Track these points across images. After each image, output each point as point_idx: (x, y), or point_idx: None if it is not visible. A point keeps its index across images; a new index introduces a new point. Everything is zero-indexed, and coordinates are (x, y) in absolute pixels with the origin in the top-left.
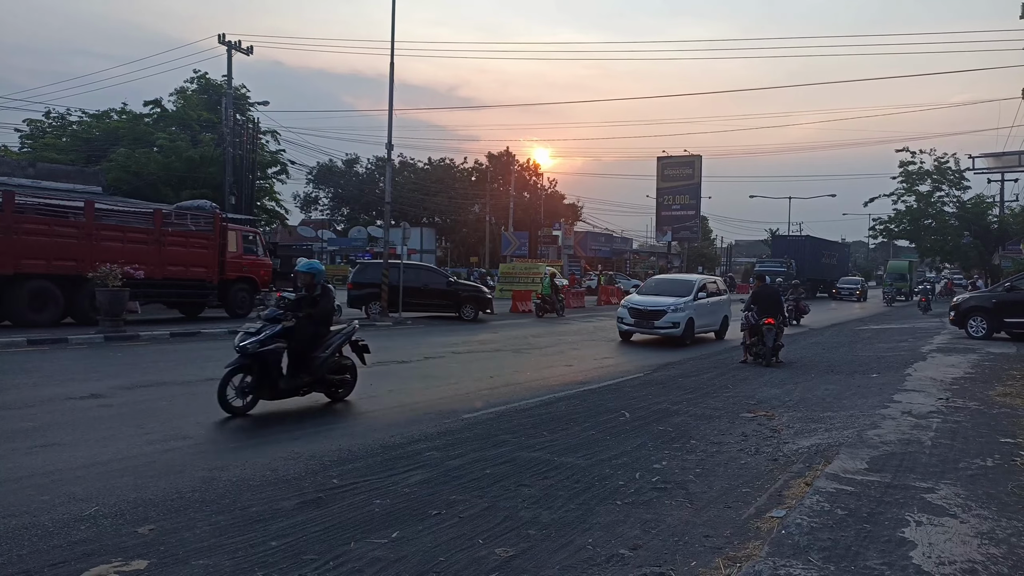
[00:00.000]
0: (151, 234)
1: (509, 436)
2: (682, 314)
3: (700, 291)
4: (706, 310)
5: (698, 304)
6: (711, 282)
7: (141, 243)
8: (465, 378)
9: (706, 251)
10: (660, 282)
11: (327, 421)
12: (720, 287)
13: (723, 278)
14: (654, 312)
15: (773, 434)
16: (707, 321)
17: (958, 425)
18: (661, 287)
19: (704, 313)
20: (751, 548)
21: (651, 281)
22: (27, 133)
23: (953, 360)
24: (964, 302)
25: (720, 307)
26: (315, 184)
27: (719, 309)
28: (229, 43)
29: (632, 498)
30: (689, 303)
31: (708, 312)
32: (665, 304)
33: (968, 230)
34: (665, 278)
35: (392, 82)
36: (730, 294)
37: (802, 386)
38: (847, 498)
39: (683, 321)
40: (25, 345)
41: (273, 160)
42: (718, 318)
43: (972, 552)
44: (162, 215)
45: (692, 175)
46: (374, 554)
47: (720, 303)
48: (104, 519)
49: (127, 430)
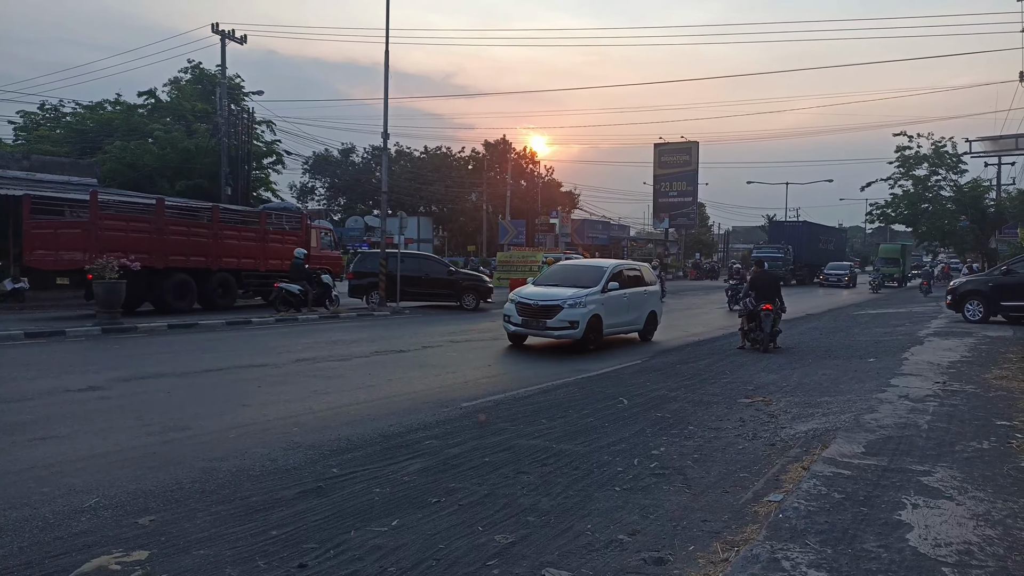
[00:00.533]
0: (258, 232)
1: (508, 424)
2: (582, 310)
3: (613, 280)
4: (621, 304)
5: (609, 297)
6: (630, 269)
7: (250, 240)
8: (464, 367)
9: (703, 237)
10: (564, 269)
11: (325, 411)
12: (647, 275)
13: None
14: (545, 308)
15: (770, 419)
16: (624, 319)
17: (955, 408)
18: (564, 275)
19: (618, 308)
20: (749, 532)
21: (555, 268)
22: (21, 125)
23: (950, 344)
24: (961, 286)
25: (644, 300)
26: (311, 174)
27: (643, 303)
28: (223, 32)
29: (630, 484)
30: (594, 296)
31: (625, 307)
32: (560, 298)
33: (965, 214)
34: (571, 264)
35: (387, 70)
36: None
37: (799, 371)
38: (844, 482)
39: (583, 319)
40: (23, 338)
41: (269, 150)
42: (641, 314)
43: (968, 534)
44: (266, 216)
45: (689, 161)
46: (374, 542)
47: (643, 295)
48: (104, 510)
49: (126, 422)
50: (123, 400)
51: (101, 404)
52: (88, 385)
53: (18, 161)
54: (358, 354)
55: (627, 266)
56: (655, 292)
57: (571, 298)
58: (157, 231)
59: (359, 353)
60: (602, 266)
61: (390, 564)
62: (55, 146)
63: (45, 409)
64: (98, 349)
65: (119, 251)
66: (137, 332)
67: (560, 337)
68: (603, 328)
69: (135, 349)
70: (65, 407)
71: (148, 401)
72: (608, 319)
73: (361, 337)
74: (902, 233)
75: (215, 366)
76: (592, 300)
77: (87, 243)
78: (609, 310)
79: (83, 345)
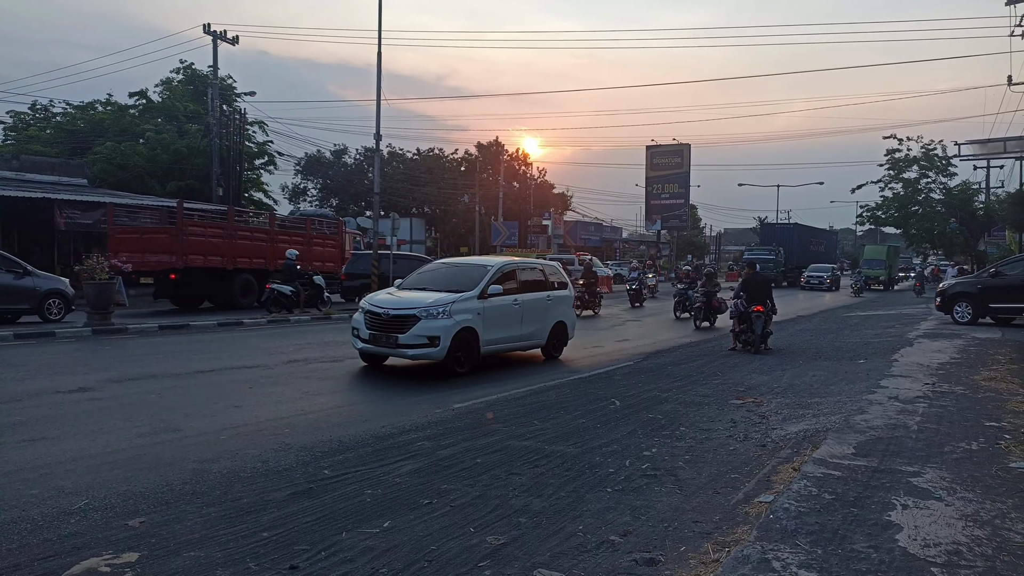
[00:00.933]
0: (304, 237)
1: (500, 425)
2: (444, 322)
3: (500, 282)
4: (509, 314)
5: (490, 305)
6: (527, 269)
7: (299, 245)
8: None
9: (695, 239)
10: (441, 270)
11: (316, 413)
12: (553, 276)
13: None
14: (397, 319)
15: (761, 420)
16: (514, 332)
17: (944, 409)
18: (439, 277)
19: (505, 318)
20: (740, 533)
21: (431, 267)
22: (10, 125)
23: (939, 345)
24: (950, 288)
25: (546, 308)
26: (303, 175)
27: (544, 312)
28: (214, 33)
29: (622, 485)
30: (466, 303)
31: (516, 317)
32: (417, 305)
33: (954, 216)
34: (451, 262)
35: (380, 72)
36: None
37: (790, 372)
38: (834, 483)
39: (446, 333)
40: (12, 339)
41: (260, 151)
42: (542, 326)
43: (957, 534)
44: (311, 222)
45: (681, 164)
46: (366, 543)
47: (545, 303)
48: (94, 512)
49: (116, 423)
50: (113, 401)
51: (91, 406)
52: (78, 386)
53: (7, 161)
54: (350, 355)
55: (522, 265)
56: (563, 298)
57: (432, 306)
58: (228, 236)
59: (351, 354)
60: (485, 265)
61: (382, 565)
62: (45, 146)
63: (35, 411)
64: (88, 350)
65: (200, 254)
66: (128, 333)
67: (416, 358)
68: (480, 344)
69: (126, 350)
70: (55, 408)
71: (138, 402)
72: (489, 333)
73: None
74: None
75: (206, 367)
76: (463, 308)
77: (173, 247)
78: (490, 321)
79: (73, 346)
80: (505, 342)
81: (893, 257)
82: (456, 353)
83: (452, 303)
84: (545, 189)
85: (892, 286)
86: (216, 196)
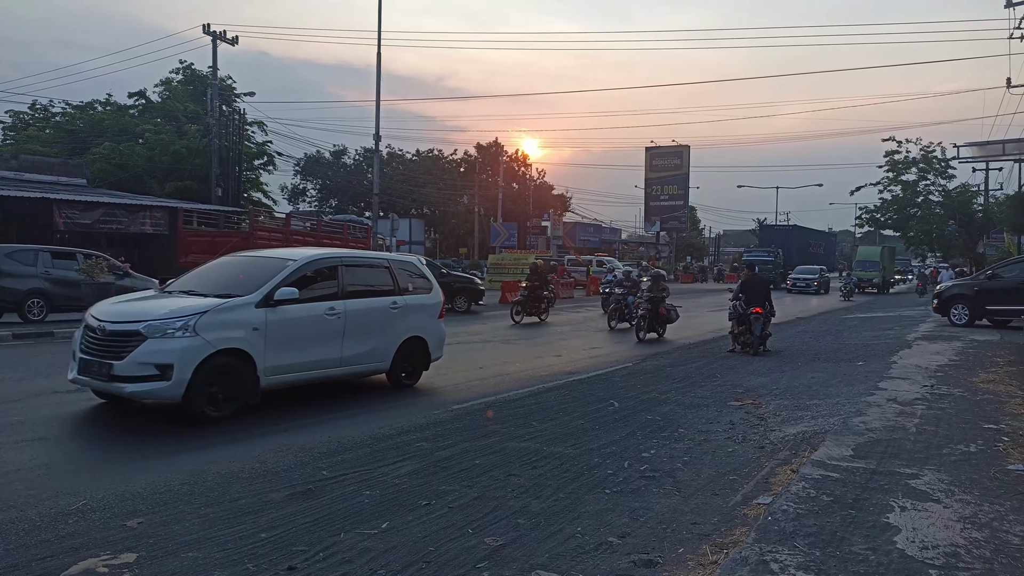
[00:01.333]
0: (342, 240)
1: (498, 426)
2: (184, 343)
3: (302, 283)
4: (323, 328)
5: (283, 317)
6: (357, 266)
7: (338, 245)
8: (453, 369)
9: (694, 241)
10: (222, 267)
11: (316, 413)
12: (401, 276)
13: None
14: (116, 338)
15: (760, 422)
16: (332, 353)
17: (942, 412)
18: (218, 277)
19: (313, 335)
20: (738, 534)
21: (214, 264)
22: (9, 125)
23: (938, 348)
24: (947, 290)
25: (389, 320)
26: (303, 175)
27: (385, 325)
28: (214, 33)
29: (620, 487)
30: (232, 314)
31: (334, 332)
32: (146, 317)
33: (953, 219)
34: (240, 256)
35: (379, 72)
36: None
37: (789, 374)
38: (832, 484)
39: (184, 360)
40: (11, 339)
41: (260, 151)
42: (385, 343)
43: (955, 536)
44: (348, 227)
45: (680, 165)
46: (364, 544)
47: (387, 312)
48: (92, 513)
49: (114, 423)
50: (111, 402)
51: (89, 406)
52: (76, 387)
53: (6, 161)
54: None
55: (350, 259)
56: (422, 305)
57: (166, 318)
58: (285, 239)
59: None
60: (285, 259)
61: (380, 566)
62: (44, 146)
63: (33, 411)
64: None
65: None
66: None
67: (137, 396)
68: (260, 374)
69: None
70: (53, 408)
71: (137, 402)
72: (280, 355)
73: None
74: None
75: None
76: (224, 321)
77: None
78: (283, 339)
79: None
80: (311, 368)
81: (888, 258)
82: (209, 388)
83: (202, 314)
84: (544, 190)
85: (887, 289)
86: (215, 196)
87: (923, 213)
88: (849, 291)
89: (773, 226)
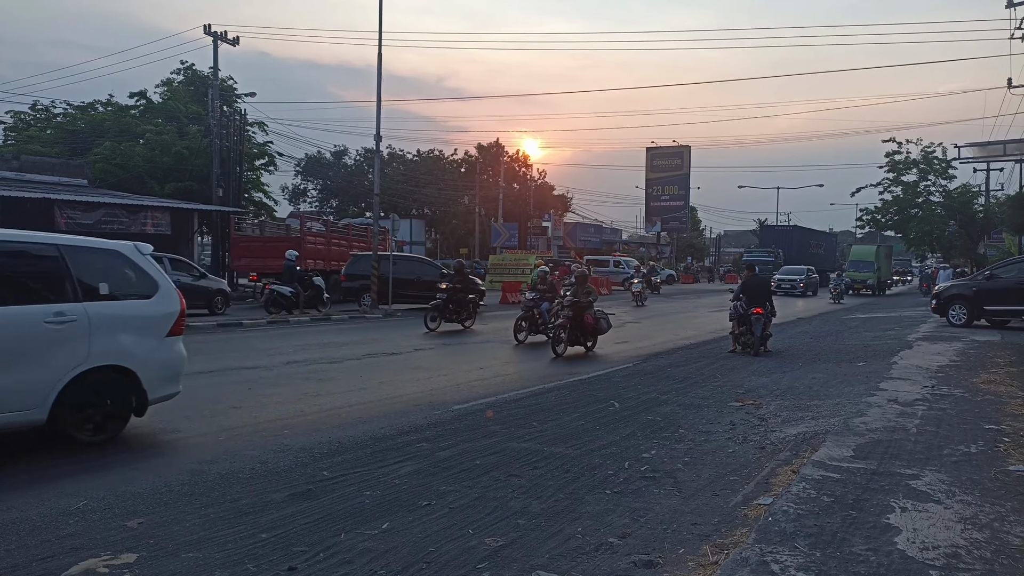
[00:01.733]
0: (367, 244)
1: (499, 427)
2: None
3: None
4: None
5: None
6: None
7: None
8: (455, 370)
9: (695, 241)
10: None
11: (316, 414)
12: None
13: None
14: None
15: (761, 422)
16: None
17: (943, 412)
18: None
19: None
20: (738, 535)
21: None
22: (11, 125)
23: (939, 348)
24: (945, 291)
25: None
26: (303, 176)
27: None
28: (215, 34)
29: (621, 487)
30: None
31: None
32: None
33: (954, 219)
34: None
35: (380, 73)
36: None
37: (789, 375)
38: (833, 485)
39: None
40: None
41: (261, 152)
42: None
43: (955, 537)
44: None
45: (681, 166)
46: (364, 545)
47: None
48: (92, 513)
49: None
50: None
51: None
52: None
53: (7, 161)
54: (349, 356)
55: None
56: (129, 317)
57: None
58: (327, 243)
59: (350, 356)
60: None
61: (380, 567)
62: (45, 147)
63: None
64: None
65: (313, 259)
66: None
67: None
68: None
69: None
70: None
71: None
72: None
73: (352, 340)
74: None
75: (205, 368)
76: None
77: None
78: None
79: None
80: None
81: (884, 258)
82: None
83: None
84: (545, 190)
85: (883, 291)
86: (216, 197)
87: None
88: (839, 293)
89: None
